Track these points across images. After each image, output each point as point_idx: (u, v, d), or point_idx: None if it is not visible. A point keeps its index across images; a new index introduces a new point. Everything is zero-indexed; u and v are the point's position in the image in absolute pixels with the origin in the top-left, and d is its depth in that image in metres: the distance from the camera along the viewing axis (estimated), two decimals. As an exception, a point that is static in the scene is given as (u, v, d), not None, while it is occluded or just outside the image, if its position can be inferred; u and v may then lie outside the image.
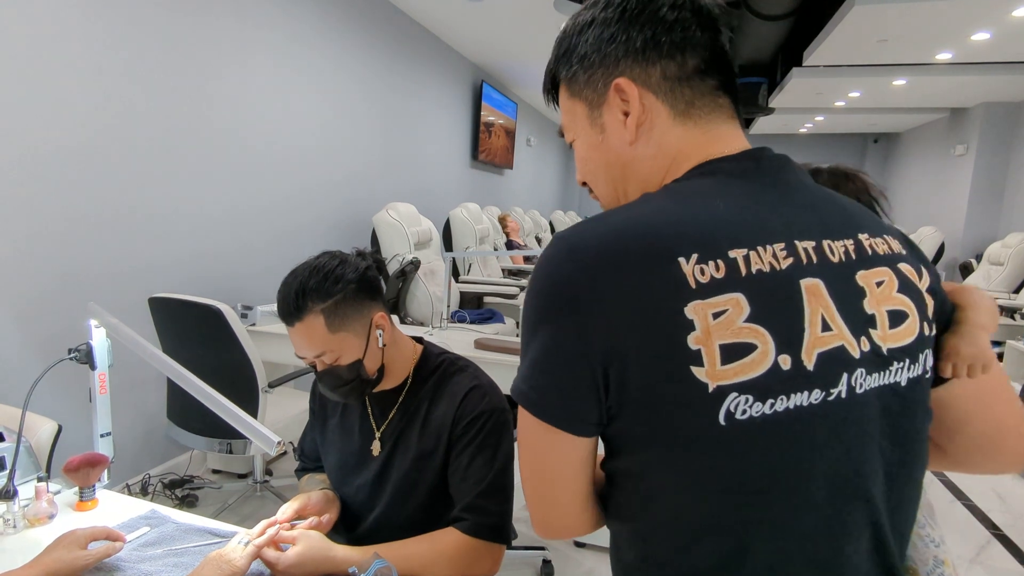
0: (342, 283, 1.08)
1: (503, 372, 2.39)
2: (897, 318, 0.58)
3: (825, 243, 0.57)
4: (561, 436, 0.57)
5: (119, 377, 1.24)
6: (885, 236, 0.62)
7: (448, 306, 3.03)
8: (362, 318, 1.11)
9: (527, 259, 5.69)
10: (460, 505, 1.08)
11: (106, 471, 1.26)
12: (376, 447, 1.18)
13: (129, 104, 2.41)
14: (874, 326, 0.56)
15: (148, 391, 2.60)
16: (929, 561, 0.81)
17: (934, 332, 0.63)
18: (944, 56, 5.34)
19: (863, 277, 0.57)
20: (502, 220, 6.11)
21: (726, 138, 0.61)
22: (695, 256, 0.52)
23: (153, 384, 2.59)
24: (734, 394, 0.51)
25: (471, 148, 6.33)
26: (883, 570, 0.59)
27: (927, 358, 0.61)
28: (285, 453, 3.00)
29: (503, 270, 5.24)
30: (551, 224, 8.47)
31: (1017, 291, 5.48)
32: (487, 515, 1.06)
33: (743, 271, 0.53)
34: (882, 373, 0.57)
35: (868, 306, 0.57)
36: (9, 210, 2.02)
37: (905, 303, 0.59)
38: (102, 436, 1.29)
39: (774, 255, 0.54)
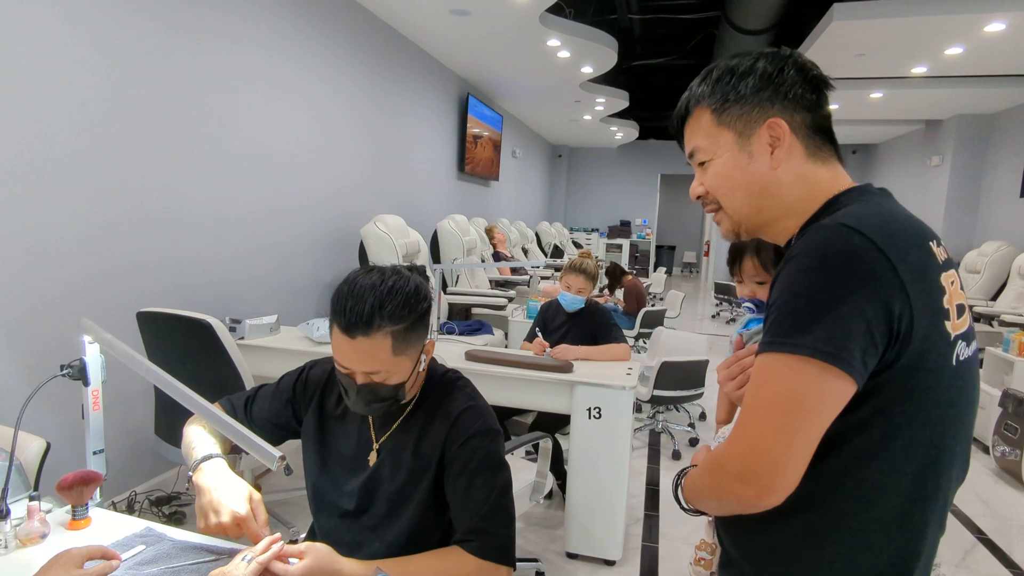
0: (416, 310, 1.07)
1: (495, 383, 2.38)
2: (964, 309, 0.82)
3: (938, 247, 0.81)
4: (844, 385, 0.69)
5: (104, 392, 1.22)
6: None
7: (438, 318, 3.03)
8: (419, 343, 1.10)
9: (514, 270, 5.71)
10: (465, 528, 1.07)
11: (98, 489, 1.24)
12: (373, 457, 1.18)
13: (118, 121, 2.39)
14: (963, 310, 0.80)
15: (133, 406, 2.56)
16: None
17: None
18: (919, 70, 5.48)
19: (954, 274, 0.80)
20: (489, 231, 6.13)
21: (844, 176, 0.83)
22: (934, 241, 0.76)
23: (139, 399, 2.56)
24: (961, 342, 0.75)
25: (458, 160, 6.35)
26: None
27: None
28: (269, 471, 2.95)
29: (490, 281, 5.24)
30: (537, 235, 8.49)
31: (994, 298, 5.60)
32: (494, 537, 1.06)
33: (947, 255, 0.77)
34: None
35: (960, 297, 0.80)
36: (-6, 224, 2.00)
37: (964, 298, 0.82)
38: (95, 453, 1.27)
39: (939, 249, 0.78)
